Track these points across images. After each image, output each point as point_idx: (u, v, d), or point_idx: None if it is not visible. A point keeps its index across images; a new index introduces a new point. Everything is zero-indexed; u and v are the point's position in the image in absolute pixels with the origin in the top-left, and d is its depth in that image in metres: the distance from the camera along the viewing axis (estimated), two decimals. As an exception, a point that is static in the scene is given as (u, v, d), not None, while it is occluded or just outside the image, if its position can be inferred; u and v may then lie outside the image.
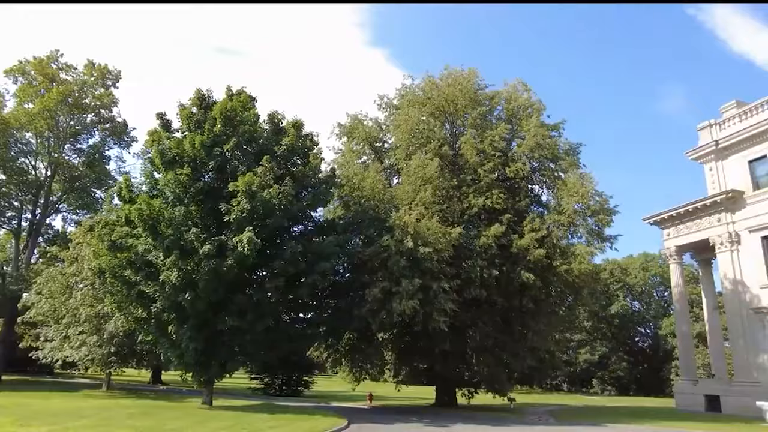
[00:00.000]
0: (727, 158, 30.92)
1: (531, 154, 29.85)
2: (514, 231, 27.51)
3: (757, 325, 27.94)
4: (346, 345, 30.32)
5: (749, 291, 28.56)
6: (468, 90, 31.37)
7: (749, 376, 27.88)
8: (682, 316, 34.28)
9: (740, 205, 29.46)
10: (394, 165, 33.10)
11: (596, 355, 68.45)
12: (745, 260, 28.97)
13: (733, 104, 31.68)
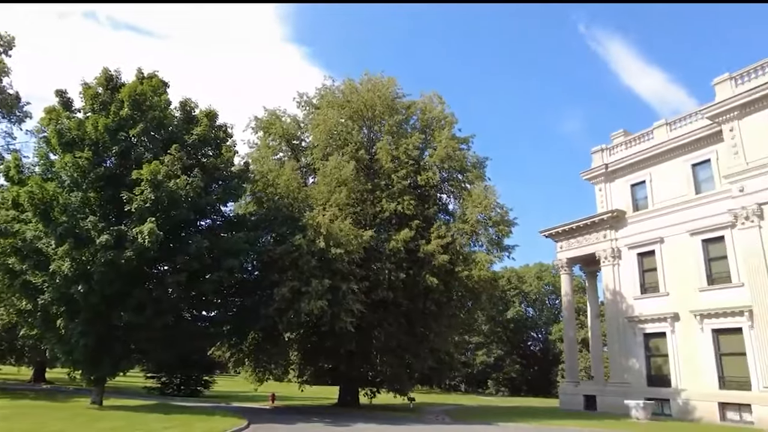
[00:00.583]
0: (614, 181, 34.18)
1: (441, 165, 31.13)
2: (422, 237, 28.54)
3: (630, 332, 31.13)
4: (250, 345, 29.81)
5: (626, 301, 31.75)
6: (386, 97, 32.13)
7: (621, 377, 30.98)
8: (569, 322, 37.31)
9: (623, 224, 32.71)
10: (311, 164, 33.07)
11: (492, 357, 72.34)
12: (624, 274, 32.19)
13: (621, 132, 35.13)
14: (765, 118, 25.75)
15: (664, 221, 30.19)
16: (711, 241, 27.97)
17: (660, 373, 29.38)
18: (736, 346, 26.01)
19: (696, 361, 27.38)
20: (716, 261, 27.71)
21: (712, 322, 27.03)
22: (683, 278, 28.72)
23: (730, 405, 25.35)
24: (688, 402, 27.07)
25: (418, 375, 32.29)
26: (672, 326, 28.85)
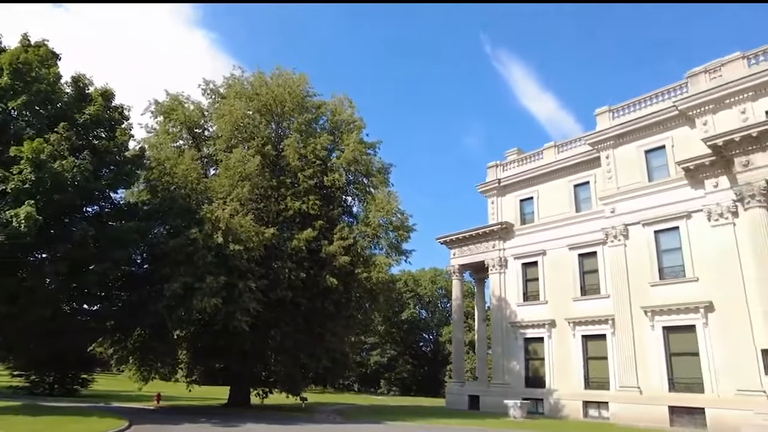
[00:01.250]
0: (506, 195, 36.71)
1: (348, 167, 31.50)
2: (325, 237, 28.67)
3: (512, 336, 33.55)
4: (136, 342, 28.10)
5: (509, 307, 34.18)
6: (297, 94, 31.91)
7: (502, 378, 33.28)
8: (458, 325, 39.35)
9: (510, 236, 35.22)
10: (213, 155, 31.87)
11: (386, 357, 74.03)
12: (509, 282, 34.66)
13: (515, 151, 37.83)
14: (634, 149, 29.19)
15: (547, 235, 32.98)
16: (586, 256, 31.02)
17: (537, 375, 31.97)
18: (600, 350, 29.05)
19: (567, 364, 30.19)
20: (589, 274, 30.77)
21: (582, 329, 29.98)
22: (561, 288, 31.55)
23: (591, 403, 28.28)
24: (558, 401, 29.76)
25: (313, 375, 32.30)
26: (549, 332, 31.55)
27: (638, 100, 29.65)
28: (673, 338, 25.83)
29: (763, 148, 22.36)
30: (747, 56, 25.37)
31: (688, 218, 26.17)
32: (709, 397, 23.74)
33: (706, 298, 24.69)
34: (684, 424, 23.97)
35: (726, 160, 23.90)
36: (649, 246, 27.44)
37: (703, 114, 26.27)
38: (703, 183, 25.53)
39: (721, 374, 23.59)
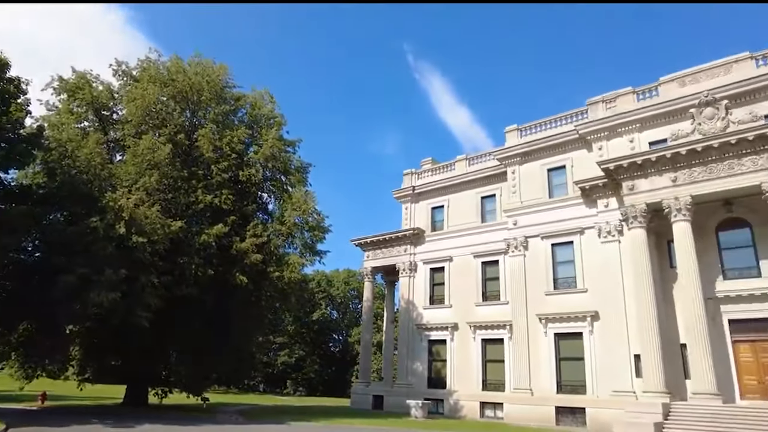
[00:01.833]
0: (419, 202, 37.98)
1: (266, 163, 31.07)
2: (236, 234, 28.07)
3: (417, 338, 34.70)
4: (20, 336, 25.88)
5: (417, 310, 35.34)
6: (216, 84, 31.00)
7: (406, 379, 34.31)
8: (367, 326, 40.01)
9: (421, 241, 36.49)
10: (121, 140, 30.08)
11: (294, 357, 73.26)
12: (418, 285, 35.84)
13: (429, 160, 39.26)
14: (538, 166, 31.40)
15: (455, 242, 34.53)
16: (489, 264, 32.84)
17: (439, 376, 33.28)
18: (498, 354, 30.83)
19: (468, 366, 31.72)
20: (491, 281, 32.60)
21: (482, 332, 31.65)
22: (465, 293, 33.13)
23: (488, 404, 29.94)
24: (458, 401, 31.19)
25: (217, 375, 31.46)
26: (452, 335, 33.00)
27: (544, 121, 31.94)
28: (563, 344, 28.03)
29: (646, 175, 24.97)
30: (636, 91, 28.31)
31: (582, 234, 28.57)
32: (589, 398, 26.03)
33: (593, 307, 27.07)
34: (567, 423, 26.09)
35: (616, 183, 26.40)
36: (546, 257, 29.62)
37: (599, 139, 28.87)
38: (596, 202, 28.01)
39: (601, 377, 25.96)
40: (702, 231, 24.56)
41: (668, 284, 25.33)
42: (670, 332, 24.51)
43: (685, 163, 23.92)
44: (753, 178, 22.31)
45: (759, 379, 22.68)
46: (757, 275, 23.43)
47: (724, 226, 24.80)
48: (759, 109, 23.76)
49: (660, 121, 27.07)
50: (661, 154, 24.32)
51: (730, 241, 24.62)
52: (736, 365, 23.17)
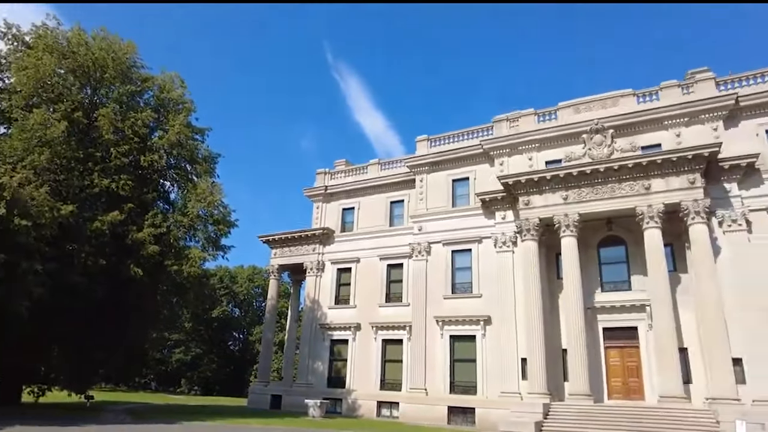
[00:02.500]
0: (331, 202, 38.18)
1: (170, 150, 29.56)
2: (134, 222, 26.54)
3: (320, 338, 34.79)
4: None
5: (321, 309, 35.44)
6: (122, 62, 29.12)
7: (307, 379, 34.25)
8: (269, 325, 39.42)
9: (330, 241, 36.69)
10: (7, 112, 27.31)
11: (190, 355, 70.21)
12: (324, 285, 35.95)
13: (343, 162, 39.63)
14: (444, 176, 32.88)
15: (363, 244, 35.13)
16: (394, 266, 33.76)
17: (339, 376, 33.57)
18: (397, 354, 31.71)
19: (368, 366, 32.30)
20: (395, 283, 33.52)
21: (384, 333, 32.41)
22: (370, 294, 33.78)
23: (385, 403, 30.68)
24: (356, 401, 31.65)
25: (105, 372, 29.43)
26: (354, 335, 33.46)
27: (453, 134, 33.49)
28: (457, 346, 29.44)
29: (541, 192, 27.03)
30: (537, 113, 30.59)
31: (480, 242, 30.23)
32: (479, 398, 27.57)
33: (486, 312, 28.72)
34: (458, 423, 27.42)
35: (513, 198, 28.29)
36: (447, 263, 31.02)
37: (501, 155, 30.79)
38: (494, 214, 29.81)
39: (490, 378, 27.58)
40: (586, 246, 27.03)
41: (555, 293, 27.53)
42: (554, 338, 26.64)
43: (576, 184, 26.24)
44: (630, 202, 25.01)
45: (624, 381, 25.33)
46: (628, 288, 26.21)
47: (604, 242, 27.48)
48: (639, 141, 26.70)
49: (556, 142, 29.42)
50: (554, 174, 26.48)
51: (608, 256, 27.32)
52: (606, 369, 25.73)
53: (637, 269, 26.05)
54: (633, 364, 25.38)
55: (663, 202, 24.33)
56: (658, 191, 24.56)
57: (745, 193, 24.44)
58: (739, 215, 24.13)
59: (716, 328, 22.37)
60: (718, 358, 22.01)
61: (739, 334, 22.68)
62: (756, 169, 24.43)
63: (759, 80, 26.13)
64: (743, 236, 24.00)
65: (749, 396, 21.79)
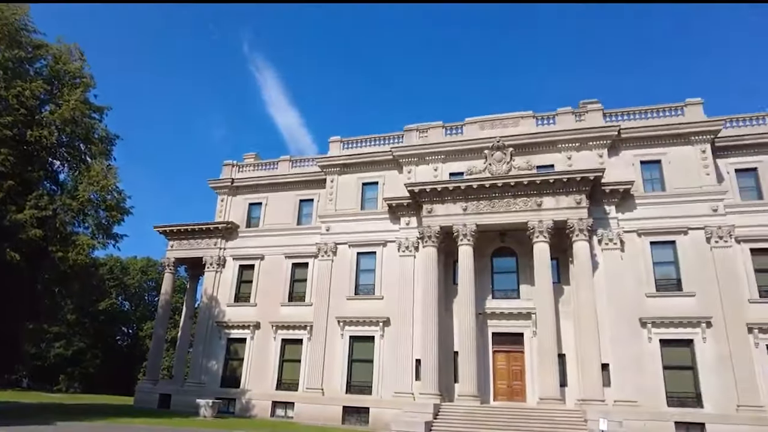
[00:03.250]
0: (237, 196, 37.14)
1: (63, 127, 27.22)
2: (14, 202, 24.22)
3: (216, 336, 33.72)
4: None
5: (219, 307, 34.36)
6: (10, 23, 26.28)
7: (199, 378, 33.00)
8: (162, 320, 37.55)
9: (234, 236, 35.66)
10: None
11: (71, 350, 64.75)
12: (225, 281, 34.80)
13: (253, 155, 38.81)
14: (355, 179, 33.32)
15: (268, 241, 34.55)
16: (299, 266, 33.54)
17: (234, 375, 32.68)
18: (295, 354, 31.50)
19: (265, 366, 31.76)
20: (299, 282, 33.30)
21: (283, 332, 32.08)
22: (272, 293, 33.26)
23: (280, 403, 30.36)
24: (250, 401, 31.01)
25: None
26: (253, 333, 32.79)
27: (366, 138, 34.07)
28: (356, 346, 29.86)
29: (443, 201, 28.30)
30: (446, 126, 32.04)
31: (384, 246, 30.97)
32: (374, 398, 28.18)
33: (386, 314, 29.44)
34: (352, 422, 27.83)
35: (418, 205, 29.33)
36: (351, 264, 31.42)
37: (410, 164, 31.82)
38: (399, 219, 30.71)
39: (386, 379, 28.29)
40: (481, 255, 28.67)
41: (450, 298, 28.86)
42: (448, 341, 27.92)
43: (475, 196, 27.79)
44: (523, 216, 26.96)
45: (508, 384, 27.13)
46: (517, 297, 28.13)
47: (498, 253, 29.32)
48: (534, 160, 28.84)
49: (461, 156, 30.93)
50: (456, 185, 27.88)
51: (501, 266, 29.17)
52: (493, 371, 27.40)
53: (526, 279, 28.04)
54: (518, 368, 27.24)
55: (552, 219, 26.47)
56: (549, 208, 26.69)
57: (621, 216, 27.35)
58: (615, 235, 26.93)
59: (590, 336, 24.67)
60: (589, 364, 24.29)
61: (608, 342, 25.23)
62: (631, 195, 27.45)
63: (637, 116, 29.44)
64: (617, 254, 26.82)
65: (613, 397, 24.35)
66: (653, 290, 26.28)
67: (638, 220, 27.30)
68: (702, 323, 25.04)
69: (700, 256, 26.14)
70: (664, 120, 28.83)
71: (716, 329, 24.83)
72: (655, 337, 25.46)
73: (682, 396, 24.47)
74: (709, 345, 24.77)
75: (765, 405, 23.46)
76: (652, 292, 26.22)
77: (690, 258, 26.28)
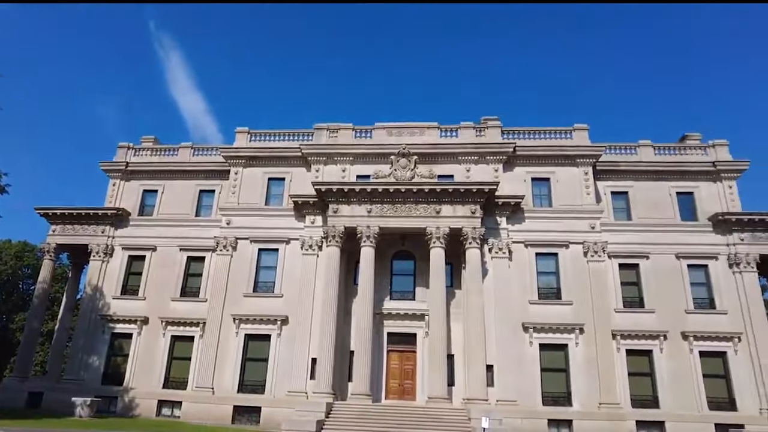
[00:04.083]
0: (131, 181, 34.79)
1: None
2: None
3: (99, 330, 31.47)
4: None
5: (104, 299, 32.09)
6: None
7: (78, 374, 30.62)
8: (37, 311, 34.29)
9: (125, 224, 33.42)
10: None
11: None
12: (111, 272, 32.44)
13: (152, 139, 36.62)
14: (261, 173, 32.65)
15: (163, 231, 32.80)
16: (195, 259, 32.19)
17: (117, 372, 30.67)
18: (186, 351, 30.09)
19: (153, 363, 30.10)
20: (194, 277, 31.90)
21: (174, 329, 30.60)
22: (164, 286, 31.58)
23: (167, 402, 29.02)
24: (134, 399, 29.31)
25: None
26: (140, 329, 31.01)
27: (275, 132, 33.46)
28: (252, 345, 29.33)
29: (349, 203, 28.60)
30: (356, 129, 32.43)
31: (288, 243, 30.71)
32: (267, 397, 27.89)
33: (285, 312, 29.24)
34: (243, 422, 27.36)
35: (324, 204, 29.38)
36: (252, 261, 30.78)
37: (318, 162, 31.77)
38: (305, 217, 30.62)
39: (281, 378, 28.10)
40: (382, 257, 29.42)
41: (350, 298, 29.32)
42: (345, 340, 28.35)
43: (380, 200, 28.40)
44: (423, 222, 28.03)
45: (400, 383, 28.12)
46: (413, 299, 29.24)
47: (397, 256, 30.26)
48: (436, 169, 30.11)
49: (369, 159, 31.42)
50: (362, 188, 28.30)
51: (400, 268, 30.15)
52: (387, 371, 28.26)
53: (422, 282, 29.16)
54: (410, 368, 28.32)
55: (449, 226, 27.75)
56: (446, 216, 27.96)
57: (511, 227, 29.38)
58: (504, 245, 28.89)
59: (477, 339, 26.24)
60: (475, 365, 25.83)
61: (493, 345, 27.02)
62: (521, 209, 29.60)
63: (532, 136, 31.81)
64: (505, 263, 28.77)
65: (496, 397, 26.10)
66: (536, 298, 28.53)
67: (526, 232, 29.48)
68: (576, 329, 27.63)
69: (577, 269, 28.81)
70: (555, 141, 31.39)
71: (587, 335, 27.54)
72: (536, 341, 27.68)
73: (556, 395, 26.86)
74: (580, 349, 27.40)
75: (621, 402, 26.48)
76: (534, 300, 28.46)
77: (569, 270, 28.88)
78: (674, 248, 29.49)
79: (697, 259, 29.42)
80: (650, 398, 27.08)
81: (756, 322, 27.86)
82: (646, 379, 27.51)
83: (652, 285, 28.98)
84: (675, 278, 29.05)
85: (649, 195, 30.89)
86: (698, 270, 29.38)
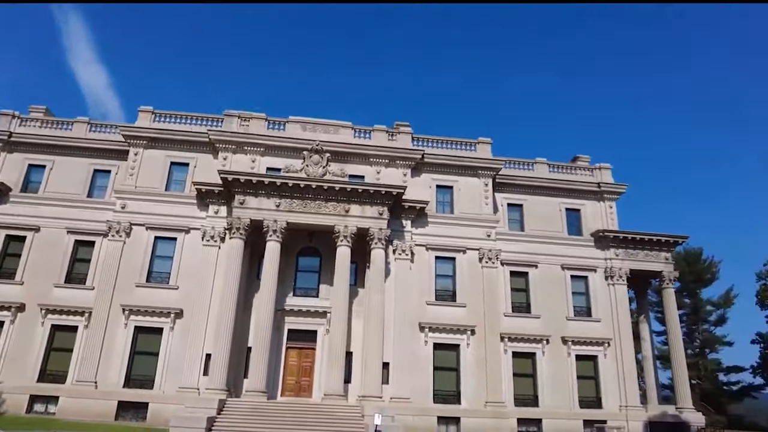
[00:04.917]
0: (14, 153, 31.46)
1: None
2: None
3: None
4: None
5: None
6: None
7: None
8: None
9: (4, 200, 30.10)
10: None
11: None
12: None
13: (43, 109, 33.34)
14: (163, 156, 31.04)
15: (48, 211, 30.07)
16: (84, 243, 29.83)
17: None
18: (68, 342, 27.74)
19: (25, 355, 27.31)
20: (81, 262, 29.56)
21: (56, 318, 28.05)
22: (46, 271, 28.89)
23: (41, 397, 26.67)
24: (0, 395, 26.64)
25: None
26: (14, 316, 28.05)
27: (181, 114, 31.93)
28: (141, 338, 27.78)
29: (256, 195, 28.04)
30: (269, 120, 31.81)
31: (187, 233, 29.46)
32: (155, 393, 26.61)
33: (180, 305, 28.02)
34: (129, 418, 25.94)
35: (230, 194, 28.54)
36: (147, 249, 29.16)
37: (227, 150, 30.79)
38: (208, 207, 29.56)
39: (172, 373, 26.90)
40: (288, 252, 29.17)
41: (251, 293, 28.76)
42: (243, 336, 27.76)
43: (289, 194, 28.17)
44: (331, 220, 28.24)
45: (297, 380, 28.10)
46: (316, 296, 29.35)
47: (304, 252, 30.19)
48: (348, 169, 30.50)
49: (280, 152, 31.00)
50: (272, 181, 27.90)
51: (305, 265, 30.10)
52: (284, 367, 28.11)
53: (326, 279, 29.30)
54: (308, 365, 28.37)
55: (357, 226, 28.17)
56: (355, 215, 28.35)
57: (415, 231, 30.51)
58: (407, 247, 29.94)
59: (376, 337, 26.90)
60: (372, 362, 26.49)
61: (391, 343, 27.82)
62: (425, 213, 30.80)
63: (440, 145, 33.24)
64: (407, 264, 29.81)
65: (390, 394, 26.92)
66: (433, 299, 29.82)
67: (428, 236, 30.72)
68: (468, 331, 29.22)
69: (472, 273, 30.51)
70: (461, 152, 33.01)
71: (478, 337, 29.25)
72: (431, 340, 28.92)
73: (446, 394, 28.28)
74: (471, 350, 29.03)
75: (505, 401, 28.46)
76: (432, 300, 29.72)
77: (465, 274, 30.50)
78: (560, 259, 32.19)
79: (579, 271, 32.35)
80: (531, 397, 29.41)
81: (623, 329, 31.23)
82: (529, 380, 29.84)
83: (539, 292, 31.41)
84: (559, 287, 31.71)
85: (541, 209, 33.42)
86: (579, 281, 32.33)
